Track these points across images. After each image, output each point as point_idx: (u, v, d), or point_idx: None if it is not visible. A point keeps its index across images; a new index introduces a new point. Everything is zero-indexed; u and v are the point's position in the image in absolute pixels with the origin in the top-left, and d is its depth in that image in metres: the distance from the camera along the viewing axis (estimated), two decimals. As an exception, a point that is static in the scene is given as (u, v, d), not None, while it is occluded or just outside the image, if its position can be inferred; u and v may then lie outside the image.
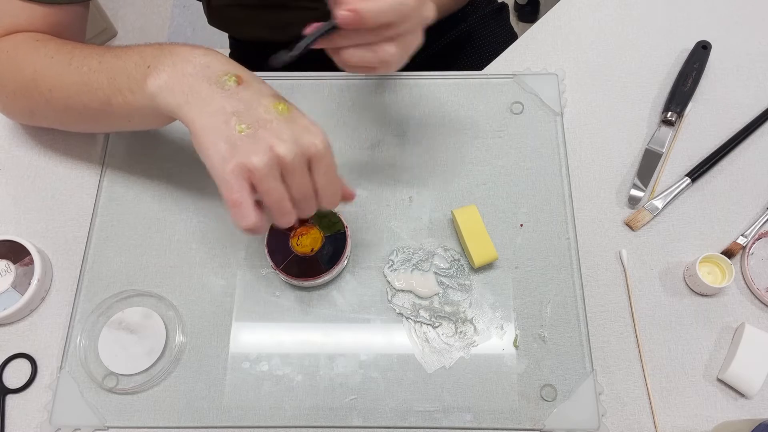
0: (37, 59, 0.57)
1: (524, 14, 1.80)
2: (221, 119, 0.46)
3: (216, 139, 0.45)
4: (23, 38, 0.59)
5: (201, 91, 0.47)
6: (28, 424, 0.57)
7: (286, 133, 0.46)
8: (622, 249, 0.63)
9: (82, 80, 0.54)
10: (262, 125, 0.46)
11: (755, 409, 0.57)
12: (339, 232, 0.60)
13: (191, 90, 0.47)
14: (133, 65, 0.51)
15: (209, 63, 0.49)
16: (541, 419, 0.56)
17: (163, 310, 0.60)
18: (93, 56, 0.55)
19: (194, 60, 0.49)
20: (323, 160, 0.47)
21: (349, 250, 0.60)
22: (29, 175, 0.67)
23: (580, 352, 0.59)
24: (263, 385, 0.58)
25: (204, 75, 0.48)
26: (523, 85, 0.71)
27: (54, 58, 0.56)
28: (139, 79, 0.50)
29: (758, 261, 0.62)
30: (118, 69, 0.52)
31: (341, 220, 0.60)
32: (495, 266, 0.62)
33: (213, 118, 0.46)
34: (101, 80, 0.53)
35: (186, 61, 0.49)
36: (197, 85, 0.47)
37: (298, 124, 0.47)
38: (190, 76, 0.48)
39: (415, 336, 0.59)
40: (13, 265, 0.60)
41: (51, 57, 0.57)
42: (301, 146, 0.46)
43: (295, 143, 0.46)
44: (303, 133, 0.46)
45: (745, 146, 0.68)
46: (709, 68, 0.72)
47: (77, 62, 0.55)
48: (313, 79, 0.72)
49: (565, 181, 0.66)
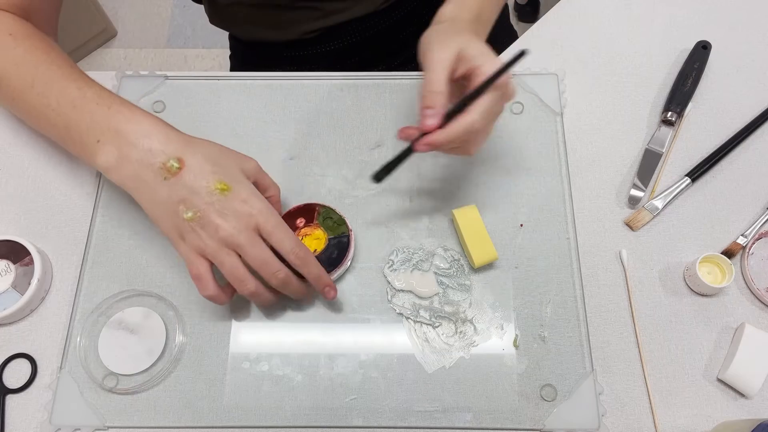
0: (4, 60, 0.57)
1: (524, 14, 1.80)
2: (170, 209, 0.51)
3: (170, 226, 0.52)
4: None
5: (147, 181, 0.52)
6: (28, 424, 0.57)
7: (229, 212, 0.51)
8: (622, 249, 0.63)
9: (41, 111, 0.57)
10: (206, 210, 0.51)
11: (755, 409, 0.57)
12: (343, 234, 0.60)
13: (138, 177, 0.52)
14: (85, 129, 0.54)
15: (151, 147, 0.52)
16: (541, 419, 0.56)
17: (163, 310, 0.60)
18: (52, 91, 0.56)
19: (138, 144, 0.52)
20: (267, 223, 0.52)
21: (352, 253, 0.60)
22: (29, 175, 0.67)
23: (580, 352, 0.59)
24: (263, 385, 0.58)
25: (148, 162, 0.52)
26: (523, 85, 0.71)
27: (19, 69, 0.57)
28: (90, 150, 0.54)
29: (758, 261, 0.62)
30: (72, 124, 0.55)
31: (346, 224, 0.60)
32: (495, 266, 0.62)
33: (162, 207, 0.52)
34: (58, 123, 0.56)
35: (130, 146, 0.52)
36: (143, 174, 0.52)
37: (238, 198, 0.52)
38: (135, 162, 0.52)
39: (415, 336, 0.59)
40: (13, 265, 0.60)
41: (17, 65, 0.57)
42: (242, 221, 0.51)
43: (238, 219, 0.51)
44: (243, 207, 0.52)
45: (745, 146, 0.68)
46: (709, 68, 0.72)
47: (39, 88, 0.56)
48: (314, 79, 0.72)
49: (565, 181, 0.66)
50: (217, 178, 0.52)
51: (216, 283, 0.53)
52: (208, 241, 0.51)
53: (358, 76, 0.72)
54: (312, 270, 0.54)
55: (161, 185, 0.51)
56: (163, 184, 0.51)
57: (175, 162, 0.52)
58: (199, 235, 0.51)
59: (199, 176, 0.52)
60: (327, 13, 0.77)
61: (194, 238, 0.51)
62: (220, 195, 0.51)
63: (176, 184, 0.51)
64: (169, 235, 0.53)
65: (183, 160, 0.52)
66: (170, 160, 0.52)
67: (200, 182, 0.51)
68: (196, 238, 0.51)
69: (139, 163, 0.52)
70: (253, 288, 0.53)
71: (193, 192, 0.51)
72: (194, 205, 0.51)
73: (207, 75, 0.72)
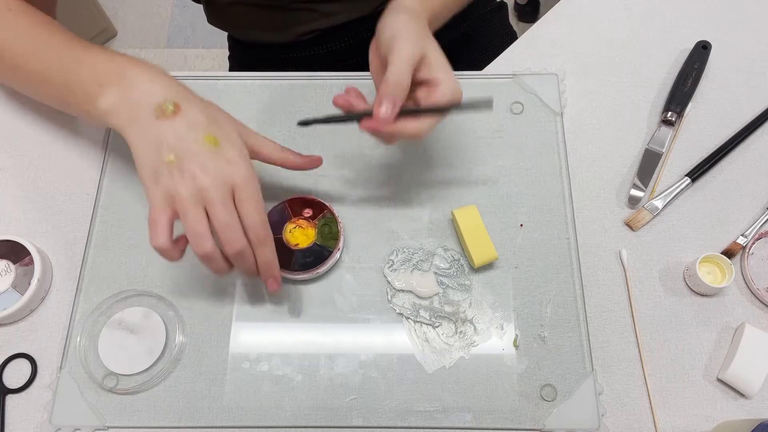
0: (3, 32, 0.58)
1: (524, 14, 1.80)
2: (154, 148, 0.50)
3: (148, 165, 0.50)
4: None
5: (141, 119, 0.51)
6: (28, 424, 0.57)
7: (211, 165, 0.50)
8: (622, 249, 0.63)
9: (43, 74, 0.57)
10: (189, 157, 0.50)
11: (755, 409, 0.57)
12: (328, 248, 0.60)
13: (133, 116, 0.51)
14: (88, 77, 0.54)
15: (152, 90, 0.52)
16: (541, 419, 0.56)
17: (163, 310, 0.60)
18: (53, 53, 0.56)
19: (140, 86, 0.52)
20: (245, 190, 0.51)
21: (324, 268, 0.60)
22: (29, 175, 0.67)
23: (580, 352, 0.59)
24: (263, 385, 0.58)
25: (146, 102, 0.51)
26: (523, 85, 0.71)
27: (22, 40, 0.58)
28: (93, 95, 0.53)
29: (758, 261, 0.62)
30: (74, 77, 0.55)
31: (337, 241, 0.60)
32: (495, 266, 0.62)
33: (148, 146, 0.50)
34: (59, 81, 0.56)
35: (132, 87, 0.52)
36: (139, 112, 0.51)
37: (224, 156, 0.51)
38: (134, 103, 0.52)
39: (415, 336, 0.59)
40: (13, 265, 0.60)
41: (19, 38, 0.58)
42: (223, 177, 0.50)
43: (217, 175, 0.50)
44: (226, 165, 0.50)
45: (745, 146, 0.68)
46: (709, 68, 0.72)
47: (41, 53, 0.57)
48: (313, 79, 0.72)
49: (565, 181, 0.66)
50: (209, 131, 0.51)
51: (170, 235, 0.50)
52: (180, 188, 0.49)
53: (357, 76, 0.72)
54: (265, 253, 0.53)
55: (152, 123, 0.51)
56: (155, 122, 0.51)
57: (171, 105, 0.51)
58: (174, 179, 0.49)
59: (192, 124, 0.51)
60: (324, 14, 0.77)
61: (168, 181, 0.49)
62: (207, 148, 0.50)
63: (167, 126, 0.50)
64: (144, 177, 0.51)
65: (180, 106, 0.51)
66: (167, 102, 0.51)
67: (191, 130, 0.51)
68: (170, 181, 0.49)
69: (137, 104, 0.51)
70: (209, 249, 0.50)
71: (181, 138, 0.50)
72: (179, 150, 0.50)
73: (207, 75, 0.72)
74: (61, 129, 0.69)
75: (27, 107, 0.70)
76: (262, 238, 0.52)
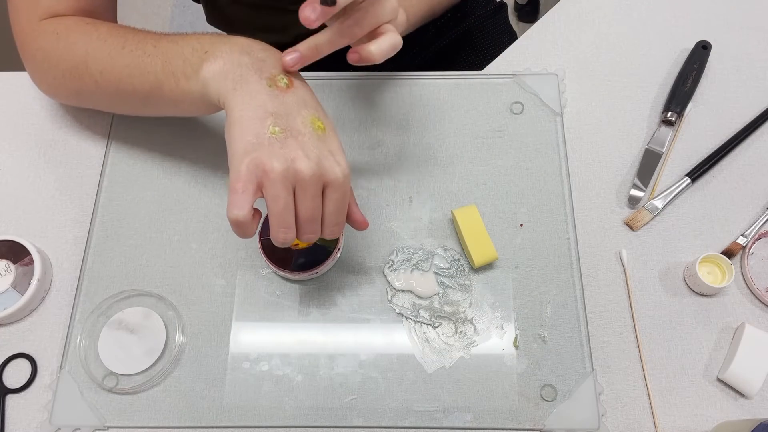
0: (89, 41, 0.58)
1: (524, 14, 1.80)
2: (259, 115, 0.47)
3: (247, 131, 0.46)
4: (74, 21, 0.60)
5: (250, 83, 0.48)
6: (28, 424, 0.57)
7: (313, 151, 0.46)
8: (622, 249, 0.63)
9: (135, 63, 0.55)
10: (293, 135, 0.46)
11: (755, 409, 0.57)
12: (327, 249, 0.60)
13: (242, 79, 0.48)
14: (191, 50, 0.52)
15: (266, 58, 0.50)
16: (541, 419, 0.56)
17: (163, 310, 0.60)
18: (148, 41, 0.55)
19: (253, 53, 0.50)
20: (339, 189, 0.48)
21: (321, 270, 0.60)
22: (29, 175, 0.67)
23: (580, 352, 0.59)
24: (263, 385, 0.58)
25: (258, 68, 0.49)
26: (523, 85, 0.71)
27: (107, 41, 0.57)
28: (196, 63, 0.51)
29: (758, 261, 0.62)
30: (174, 53, 0.53)
31: (337, 242, 0.60)
32: (495, 266, 0.62)
33: (252, 111, 0.47)
34: (155, 63, 0.54)
35: (244, 52, 0.50)
36: (248, 76, 0.48)
37: (328, 146, 0.48)
38: (244, 67, 0.49)
39: (415, 336, 0.59)
40: (13, 265, 0.60)
41: (104, 40, 0.57)
42: (322, 168, 0.47)
43: (318, 164, 0.46)
44: (328, 157, 0.47)
45: (745, 146, 0.68)
46: (709, 68, 0.72)
47: (131, 46, 0.56)
48: (313, 79, 0.71)
49: (565, 181, 0.66)
50: (317, 115, 0.49)
51: (252, 207, 0.45)
52: (275, 163, 0.45)
53: (357, 76, 0.72)
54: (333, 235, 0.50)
55: (264, 90, 0.48)
56: (267, 90, 0.48)
57: (285, 78, 0.49)
58: (273, 151, 0.45)
59: (302, 103, 0.49)
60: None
61: (264, 153, 0.45)
62: (312, 131, 0.48)
63: (278, 97, 0.48)
64: (237, 142, 0.46)
65: (293, 82, 0.50)
66: (281, 75, 0.49)
67: (300, 109, 0.48)
68: (267, 153, 0.45)
69: (248, 68, 0.49)
70: (289, 240, 0.47)
71: (290, 113, 0.48)
72: (285, 124, 0.47)
73: (207, 75, 0.72)
74: (62, 129, 0.69)
75: (27, 107, 0.70)
76: (335, 235, 0.50)
